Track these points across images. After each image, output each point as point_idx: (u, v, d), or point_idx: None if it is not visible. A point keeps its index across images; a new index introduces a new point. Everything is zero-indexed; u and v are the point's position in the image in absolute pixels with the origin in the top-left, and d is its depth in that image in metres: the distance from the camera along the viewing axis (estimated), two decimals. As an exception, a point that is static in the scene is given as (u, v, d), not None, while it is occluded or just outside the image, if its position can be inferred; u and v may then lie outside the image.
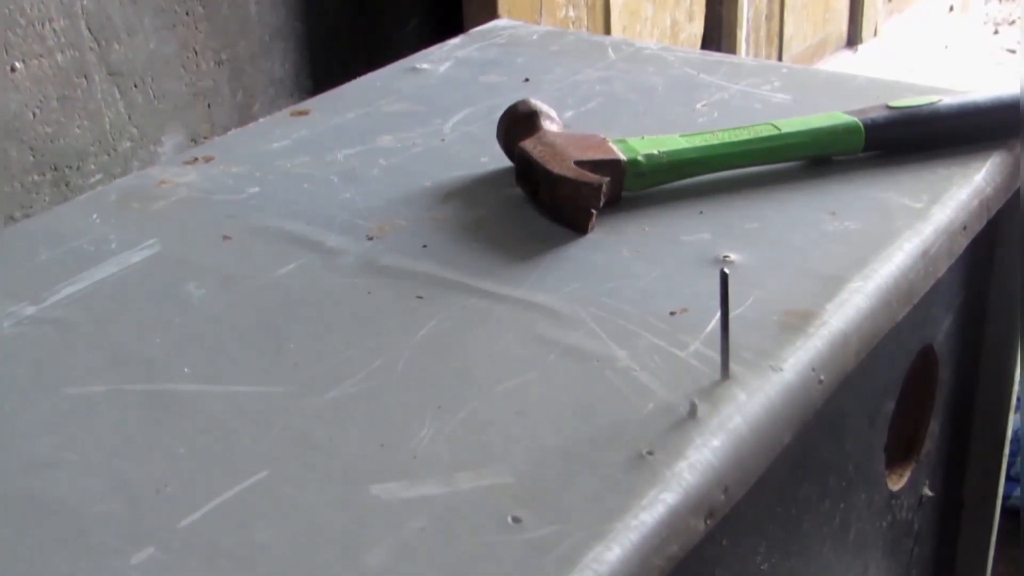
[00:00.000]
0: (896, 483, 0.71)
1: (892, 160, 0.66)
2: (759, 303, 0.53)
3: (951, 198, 0.62)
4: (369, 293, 0.55)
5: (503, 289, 0.55)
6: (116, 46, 0.92)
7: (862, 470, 0.65)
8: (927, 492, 0.77)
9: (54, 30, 0.87)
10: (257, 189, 0.67)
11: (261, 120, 0.78)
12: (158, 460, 0.44)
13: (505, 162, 0.68)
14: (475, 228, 0.61)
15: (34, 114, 0.88)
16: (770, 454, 0.47)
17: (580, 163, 0.61)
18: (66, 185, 0.91)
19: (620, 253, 0.58)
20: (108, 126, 0.93)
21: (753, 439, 0.45)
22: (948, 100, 0.68)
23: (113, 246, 0.61)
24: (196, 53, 0.99)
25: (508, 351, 0.50)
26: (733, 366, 0.48)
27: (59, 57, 0.88)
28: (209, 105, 1.02)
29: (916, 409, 0.73)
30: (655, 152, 0.63)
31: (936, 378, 0.73)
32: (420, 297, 0.55)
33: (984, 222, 0.65)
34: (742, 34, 2.03)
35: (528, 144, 0.63)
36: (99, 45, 0.91)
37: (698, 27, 1.91)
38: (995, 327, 0.79)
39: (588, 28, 1.42)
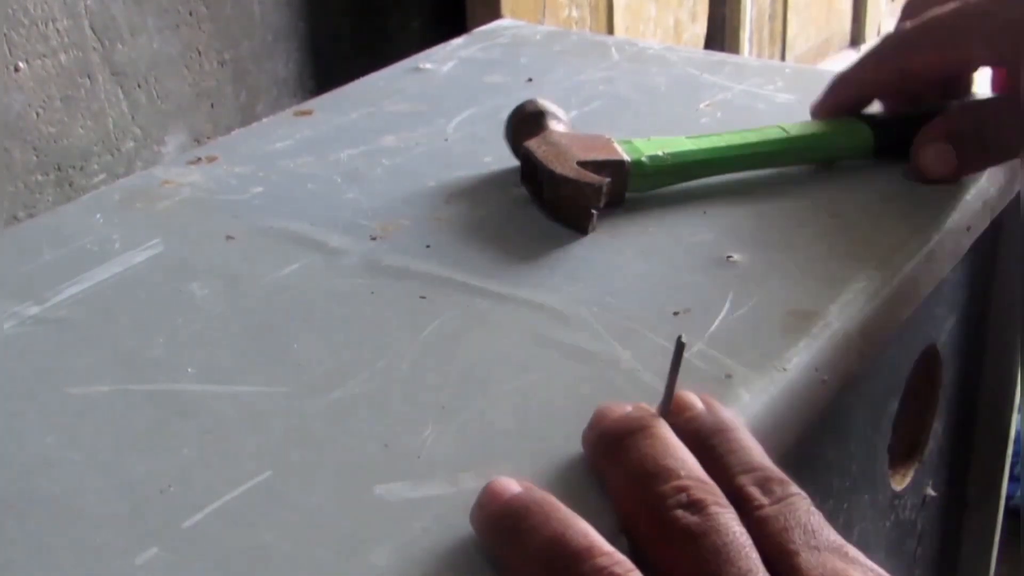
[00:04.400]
0: (899, 483, 0.71)
1: (895, 161, 0.66)
2: (762, 303, 0.53)
3: (954, 199, 0.62)
4: (372, 293, 0.55)
5: (507, 289, 0.55)
6: (119, 46, 0.92)
7: (865, 470, 0.65)
8: (930, 492, 0.77)
9: (57, 30, 0.88)
10: (261, 189, 0.67)
11: (264, 120, 0.78)
12: (162, 460, 0.44)
13: (509, 162, 0.68)
14: (479, 228, 0.61)
15: (37, 114, 0.88)
16: (774, 455, 0.47)
17: (583, 163, 0.61)
18: (69, 185, 0.91)
19: (624, 253, 0.58)
20: (111, 126, 0.94)
21: (756, 440, 0.45)
22: (956, 101, 0.68)
23: (116, 246, 0.61)
24: (199, 53, 0.99)
25: (512, 351, 0.50)
26: (737, 366, 0.48)
27: (63, 57, 0.88)
28: (212, 105, 1.02)
29: (919, 409, 0.73)
30: (660, 153, 0.62)
31: (939, 378, 0.73)
32: (423, 297, 0.55)
33: (987, 222, 0.65)
34: (745, 34, 2.03)
35: (533, 144, 0.63)
36: (103, 45, 0.91)
37: (701, 27, 1.91)
38: (998, 327, 0.79)
39: (591, 28, 1.43)
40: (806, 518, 0.37)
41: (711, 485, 0.37)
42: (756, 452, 0.40)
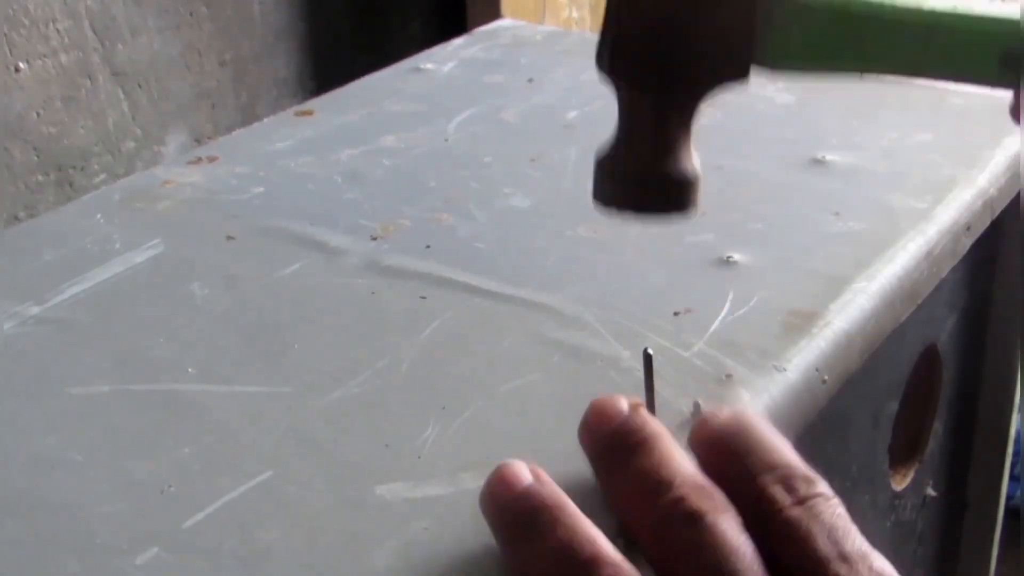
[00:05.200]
0: (900, 483, 0.71)
1: (895, 161, 0.66)
2: (763, 303, 0.53)
3: (954, 199, 0.62)
4: (373, 293, 0.55)
5: (507, 289, 0.55)
6: (120, 47, 0.92)
7: (866, 470, 0.65)
8: (930, 492, 0.77)
9: (58, 31, 0.88)
10: (261, 189, 0.67)
11: (265, 120, 0.79)
12: (162, 460, 0.44)
13: (509, 161, 0.68)
14: (479, 228, 0.61)
15: (38, 114, 0.88)
16: (774, 454, 0.47)
17: None
18: (70, 185, 0.91)
19: (624, 254, 0.58)
20: (112, 126, 0.94)
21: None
22: None
23: (117, 246, 0.61)
24: (200, 54, 0.99)
25: (512, 351, 0.50)
26: (737, 366, 0.48)
27: (63, 58, 0.88)
28: (213, 105, 1.02)
29: (920, 409, 0.73)
30: None
31: (939, 378, 0.73)
32: (424, 297, 0.55)
33: (987, 222, 0.65)
34: (745, 34, 2.03)
35: None
36: (103, 46, 0.91)
37: (701, 27, 1.90)
38: (998, 327, 0.79)
39: (591, 28, 1.42)
40: (831, 521, 0.36)
41: (708, 489, 0.36)
42: (777, 448, 0.39)
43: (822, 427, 0.54)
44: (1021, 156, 0.68)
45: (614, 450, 0.39)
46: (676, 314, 0.52)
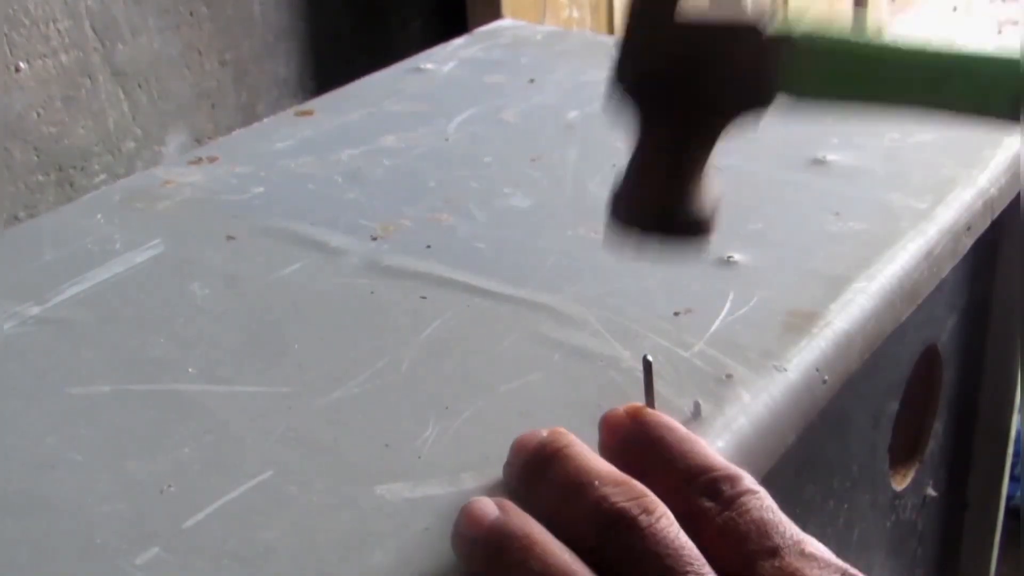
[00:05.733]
0: (900, 483, 0.71)
1: (895, 161, 0.66)
2: (763, 303, 0.53)
3: (955, 199, 0.62)
4: (372, 293, 0.55)
5: (507, 289, 0.55)
6: (120, 46, 0.92)
7: (866, 470, 0.65)
8: (931, 492, 0.77)
9: (58, 30, 0.88)
10: (261, 189, 0.67)
11: (265, 120, 0.79)
12: (162, 460, 0.44)
13: (510, 161, 0.68)
14: (479, 228, 0.61)
15: (38, 114, 0.88)
16: (774, 454, 0.47)
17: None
18: (70, 185, 0.91)
19: (624, 253, 0.58)
20: (112, 126, 0.94)
21: (757, 440, 0.45)
22: None
23: (117, 246, 0.61)
24: (200, 54, 0.99)
25: (512, 351, 0.50)
26: (737, 366, 0.48)
27: (63, 57, 0.88)
28: (213, 105, 1.02)
29: (920, 409, 0.73)
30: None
31: (940, 378, 0.73)
32: (424, 297, 0.55)
33: (988, 223, 0.65)
34: (745, 34, 2.03)
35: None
36: (103, 45, 0.91)
37: (701, 27, 1.90)
38: (999, 327, 0.79)
39: (591, 28, 1.43)
40: (759, 516, 0.36)
41: (628, 486, 0.36)
42: (697, 453, 0.39)
43: (823, 427, 0.54)
44: (1021, 156, 0.68)
45: (527, 475, 0.39)
46: (676, 314, 0.52)
